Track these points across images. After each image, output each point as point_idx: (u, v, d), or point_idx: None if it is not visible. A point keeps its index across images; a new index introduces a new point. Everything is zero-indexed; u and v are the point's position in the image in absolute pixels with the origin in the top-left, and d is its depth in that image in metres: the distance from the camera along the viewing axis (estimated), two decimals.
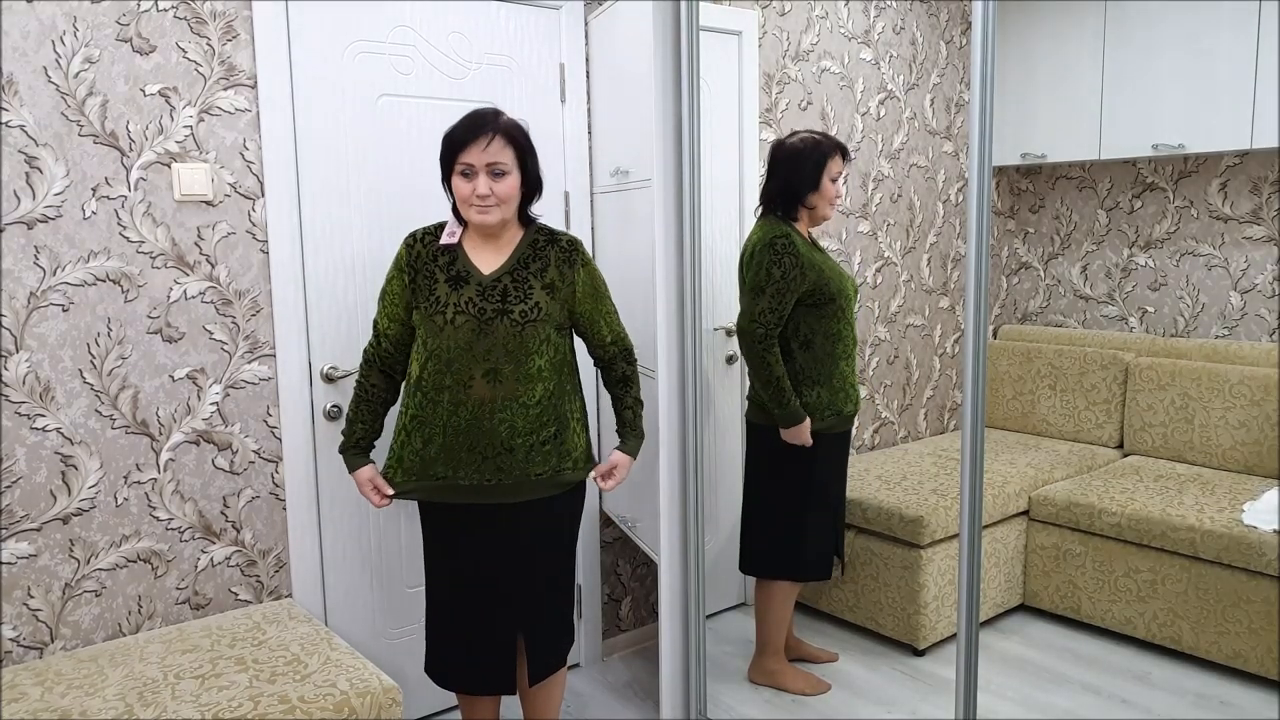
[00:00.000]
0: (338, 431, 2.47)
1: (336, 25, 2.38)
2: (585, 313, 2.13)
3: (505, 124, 2.01)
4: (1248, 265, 3.35)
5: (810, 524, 2.64)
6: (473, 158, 1.97)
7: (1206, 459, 3.25)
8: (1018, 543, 3.15)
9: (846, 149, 2.60)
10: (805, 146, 2.55)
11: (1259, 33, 2.98)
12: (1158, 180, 3.56)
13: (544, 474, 2.06)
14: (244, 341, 2.30)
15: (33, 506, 2.05)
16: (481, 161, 1.97)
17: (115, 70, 2.07)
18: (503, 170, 1.99)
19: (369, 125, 2.45)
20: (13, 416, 2.01)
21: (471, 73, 2.60)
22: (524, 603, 2.12)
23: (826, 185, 2.55)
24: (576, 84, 2.80)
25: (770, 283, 2.49)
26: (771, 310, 2.49)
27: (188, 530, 2.25)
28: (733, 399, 3.20)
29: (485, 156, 1.97)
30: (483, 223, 2.02)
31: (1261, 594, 2.65)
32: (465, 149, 1.98)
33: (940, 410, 3.77)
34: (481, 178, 1.98)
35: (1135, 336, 3.58)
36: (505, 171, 1.99)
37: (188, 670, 1.95)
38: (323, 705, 1.83)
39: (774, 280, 2.48)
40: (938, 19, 3.59)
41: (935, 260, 3.67)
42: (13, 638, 2.04)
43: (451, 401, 2.01)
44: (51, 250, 2.03)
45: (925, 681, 2.81)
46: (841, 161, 2.57)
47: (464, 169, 1.99)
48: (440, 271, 2.05)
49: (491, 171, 1.98)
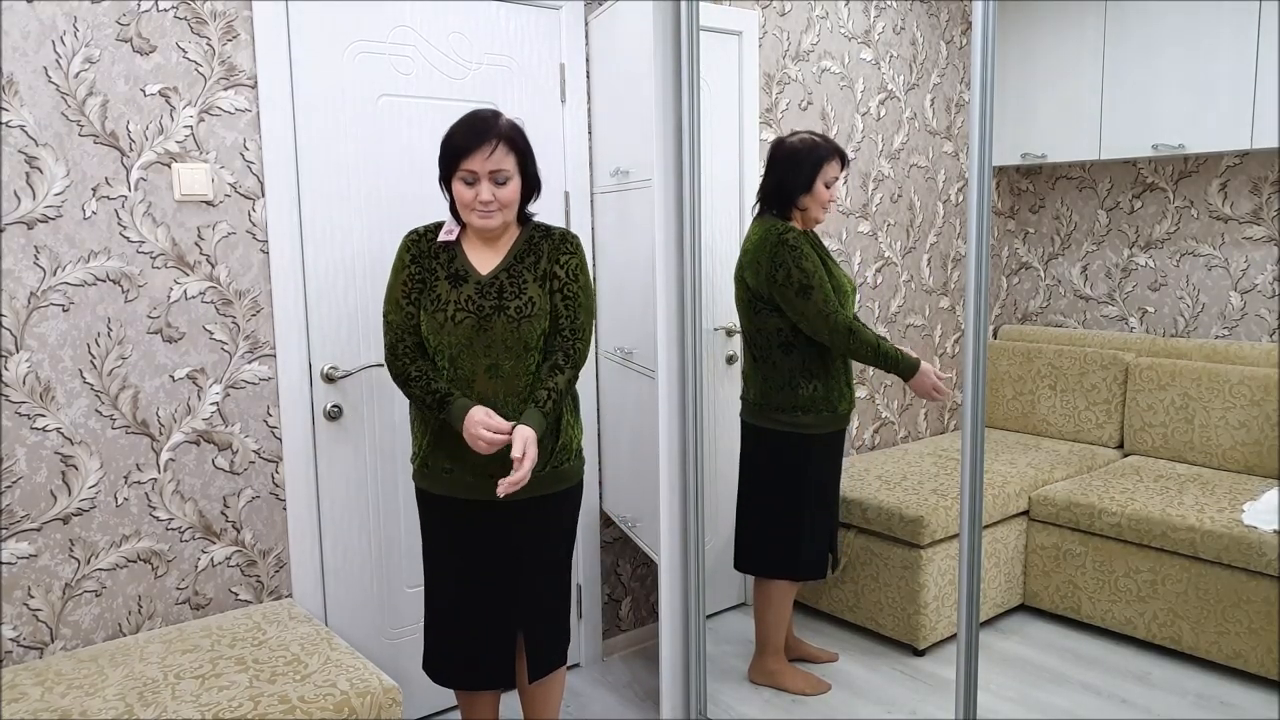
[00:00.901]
0: (338, 431, 2.47)
1: (336, 25, 2.38)
2: (566, 293, 2.06)
3: (506, 130, 1.99)
4: (1248, 265, 3.35)
5: (806, 523, 2.64)
6: (475, 165, 1.96)
7: (1206, 459, 3.25)
8: (1018, 543, 3.15)
9: (846, 154, 2.59)
10: (804, 148, 2.55)
11: (1259, 33, 2.98)
12: (1158, 180, 3.56)
13: (544, 470, 2.07)
14: (244, 341, 2.30)
15: (33, 506, 2.05)
16: (485, 169, 1.97)
17: (115, 70, 2.07)
18: (505, 177, 1.99)
19: (369, 125, 2.45)
20: (13, 416, 2.01)
21: (471, 73, 2.60)
22: (524, 599, 2.12)
23: (820, 189, 2.54)
24: (576, 84, 2.80)
25: (810, 276, 2.47)
26: (829, 299, 2.48)
27: (188, 530, 2.25)
28: (733, 399, 3.20)
29: (489, 164, 1.96)
30: (485, 227, 2.02)
31: (1261, 594, 2.65)
32: (468, 156, 1.96)
33: (940, 410, 3.77)
34: (484, 185, 1.97)
35: (1135, 336, 3.58)
36: (508, 178, 1.99)
37: (188, 670, 1.95)
38: (323, 705, 1.83)
39: (809, 274, 2.47)
40: (938, 19, 3.59)
41: (935, 260, 3.67)
42: (13, 638, 2.04)
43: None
44: (51, 250, 2.03)
45: (925, 681, 2.81)
46: (839, 166, 2.56)
47: (466, 176, 1.98)
48: (441, 269, 2.05)
49: (494, 179, 1.98)
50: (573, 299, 2.08)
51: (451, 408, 1.98)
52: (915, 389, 2.53)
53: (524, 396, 2.04)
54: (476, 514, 2.08)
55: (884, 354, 2.49)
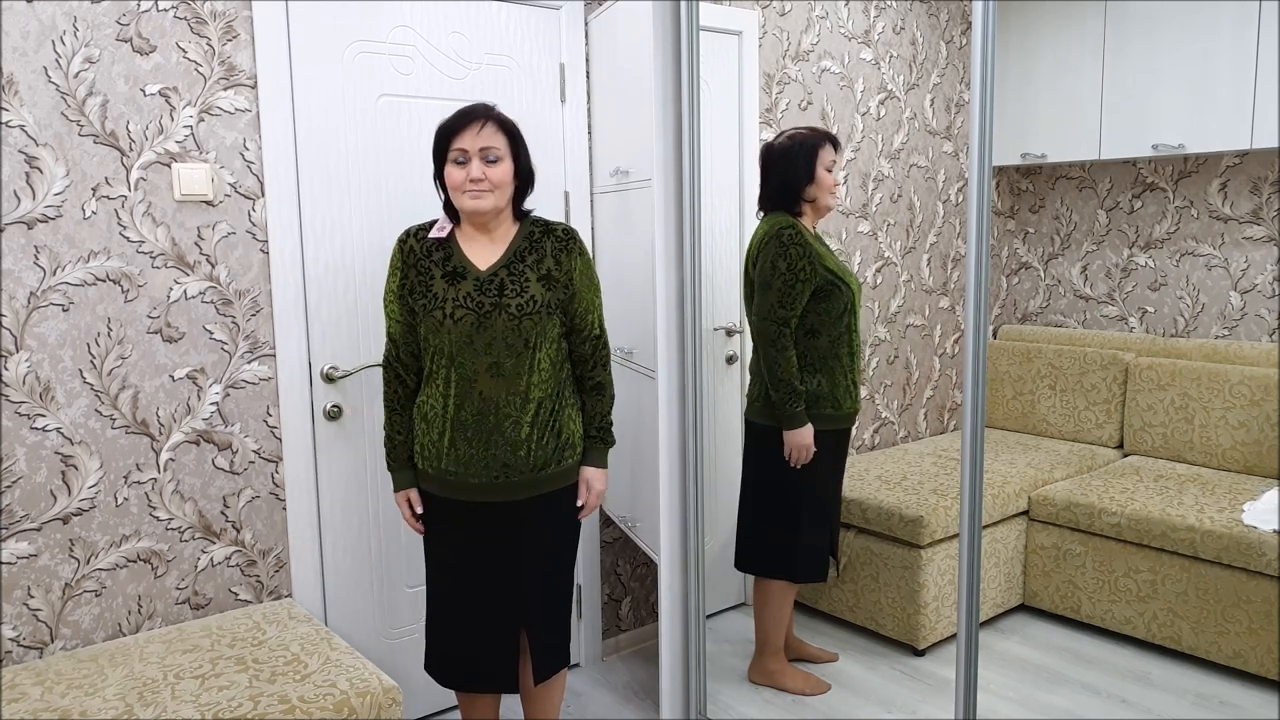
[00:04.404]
0: (338, 431, 2.47)
1: (336, 25, 2.38)
2: (579, 303, 2.12)
3: (496, 112, 2.04)
4: (1248, 265, 3.35)
5: (806, 524, 2.64)
6: (466, 143, 1.99)
7: (1206, 459, 3.25)
8: (1018, 543, 3.15)
9: (835, 138, 2.60)
10: (794, 142, 2.56)
11: (1259, 33, 2.98)
12: (1158, 180, 3.56)
13: (548, 467, 2.07)
14: (244, 341, 2.30)
15: (33, 506, 2.05)
16: (475, 146, 1.99)
17: (115, 70, 2.07)
18: (496, 156, 2.01)
19: (369, 125, 2.45)
20: (13, 416, 2.01)
21: (471, 73, 2.60)
22: (528, 597, 2.12)
23: (822, 174, 2.55)
24: (576, 84, 2.80)
25: (777, 276, 2.48)
26: (781, 304, 2.48)
27: (188, 530, 2.25)
28: (733, 399, 3.20)
29: (479, 141, 1.99)
30: (476, 209, 2.02)
31: (1261, 594, 2.65)
32: (458, 135, 2.00)
33: (940, 410, 3.77)
34: (475, 163, 2.00)
35: (1135, 336, 3.58)
36: (499, 157, 2.01)
37: (188, 670, 1.95)
38: (323, 705, 1.83)
39: (780, 273, 2.48)
40: (938, 19, 3.59)
41: (935, 260, 3.67)
42: (13, 638, 2.04)
43: (458, 396, 2.02)
44: (51, 250, 2.03)
45: (925, 681, 2.81)
46: (833, 150, 2.57)
47: (457, 155, 2.01)
48: (436, 268, 2.05)
49: (485, 157, 2.00)
50: (599, 308, 2.17)
51: (397, 475, 2.15)
52: (788, 440, 2.55)
53: (527, 395, 2.04)
54: (479, 512, 2.08)
55: (787, 389, 2.50)
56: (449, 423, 2.04)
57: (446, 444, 2.05)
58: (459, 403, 2.02)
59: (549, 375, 2.07)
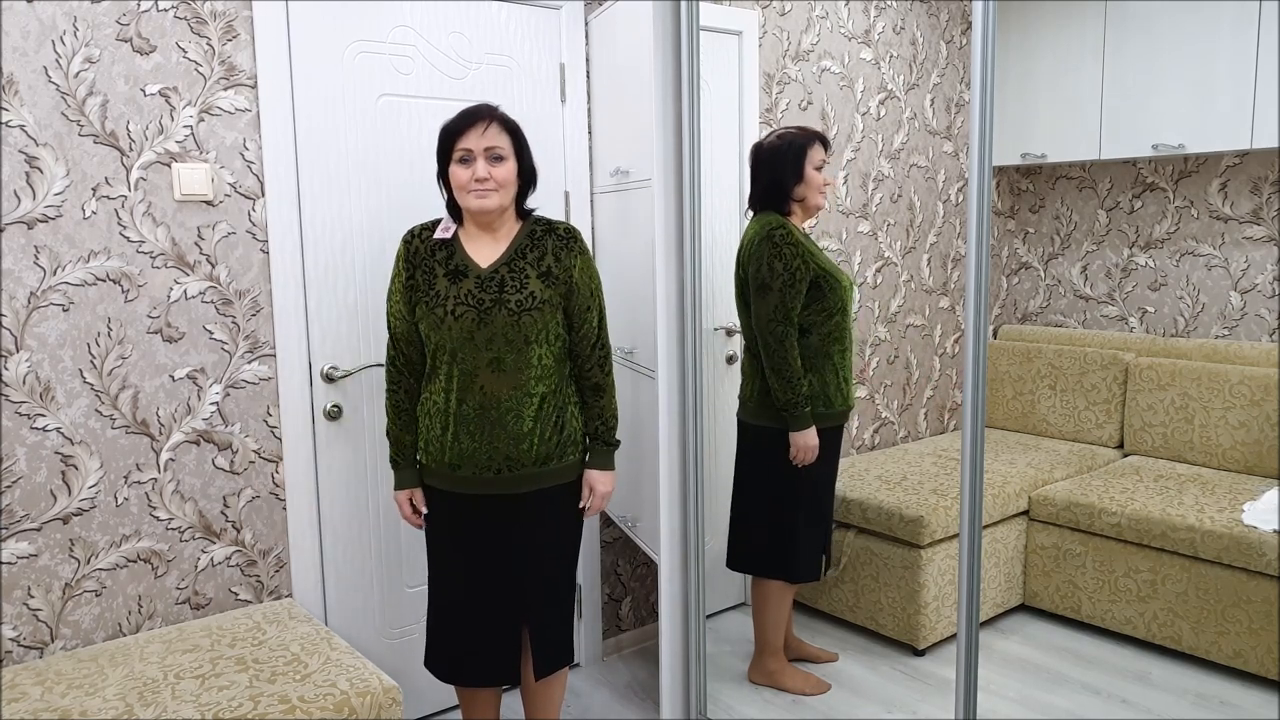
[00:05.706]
0: (338, 431, 2.47)
1: (336, 25, 2.38)
2: (578, 300, 2.13)
3: (500, 113, 2.06)
4: (1248, 265, 3.35)
5: (801, 524, 2.64)
6: (470, 143, 2.00)
7: (1206, 459, 3.25)
8: (1018, 543, 3.15)
9: (826, 137, 2.60)
10: (783, 142, 2.57)
11: (1259, 33, 2.98)
12: (1158, 180, 3.56)
13: (550, 462, 2.08)
14: (244, 341, 2.30)
15: (33, 506, 2.05)
16: (480, 146, 2.00)
17: (115, 70, 2.07)
18: (500, 155, 2.02)
19: (369, 125, 2.45)
20: (13, 416, 2.01)
21: (471, 73, 2.60)
22: (530, 592, 2.13)
23: (811, 174, 2.55)
24: (576, 84, 2.80)
25: (775, 278, 2.48)
26: (782, 306, 2.48)
27: (188, 530, 2.25)
28: (733, 399, 3.19)
29: (483, 141, 2.00)
30: (481, 208, 2.03)
31: (1261, 594, 2.65)
32: (463, 135, 2.01)
33: (940, 410, 3.77)
34: (480, 162, 2.01)
35: (1135, 336, 3.58)
36: (503, 156, 2.03)
37: (188, 670, 1.95)
38: (323, 705, 1.83)
39: (778, 275, 2.47)
40: (938, 19, 3.59)
41: (935, 260, 3.67)
42: (13, 637, 2.04)
43: (460, 390, 2.03)
44: (51, 250, 2.03)
45: (925, 681, 2.81)
46: (823, 150, 2.57)
47: (462, 155, 2.02)
48: (439, 266, 2.06)
49: (489, 156, 2.01)
50: (600, 309, 2.17)
51: (399, 472, 2.15)
52: (794, 442, 2.54)
53: (528, 391, 2.04)
54: (481, 507, 2.08)
55: (793, 390, 2.49)
56: (451, 417, 2.04)
57: (449, 438, 2.05)
58: (461, 397, 2.03)
59: (551, 371, 2.08)
